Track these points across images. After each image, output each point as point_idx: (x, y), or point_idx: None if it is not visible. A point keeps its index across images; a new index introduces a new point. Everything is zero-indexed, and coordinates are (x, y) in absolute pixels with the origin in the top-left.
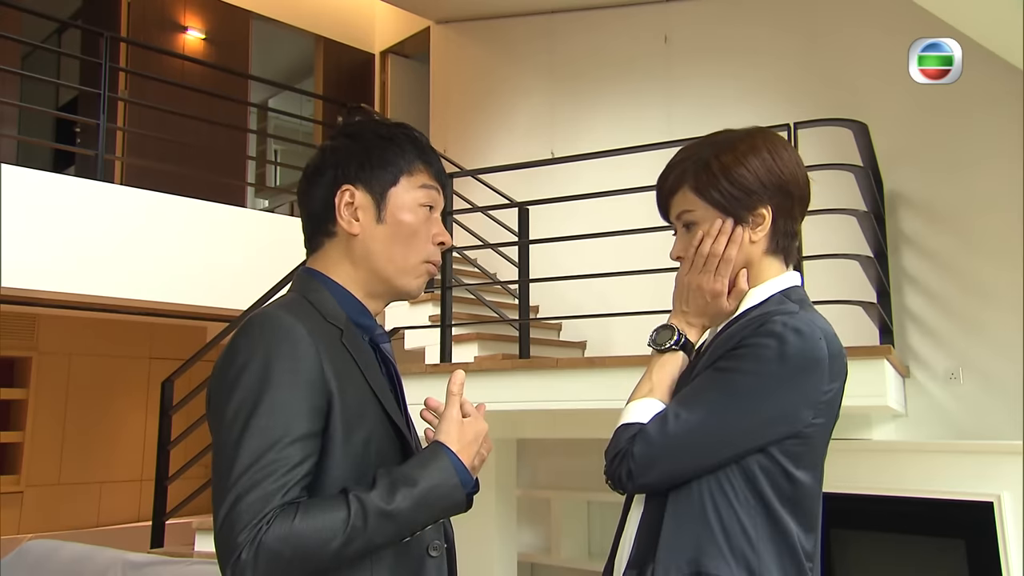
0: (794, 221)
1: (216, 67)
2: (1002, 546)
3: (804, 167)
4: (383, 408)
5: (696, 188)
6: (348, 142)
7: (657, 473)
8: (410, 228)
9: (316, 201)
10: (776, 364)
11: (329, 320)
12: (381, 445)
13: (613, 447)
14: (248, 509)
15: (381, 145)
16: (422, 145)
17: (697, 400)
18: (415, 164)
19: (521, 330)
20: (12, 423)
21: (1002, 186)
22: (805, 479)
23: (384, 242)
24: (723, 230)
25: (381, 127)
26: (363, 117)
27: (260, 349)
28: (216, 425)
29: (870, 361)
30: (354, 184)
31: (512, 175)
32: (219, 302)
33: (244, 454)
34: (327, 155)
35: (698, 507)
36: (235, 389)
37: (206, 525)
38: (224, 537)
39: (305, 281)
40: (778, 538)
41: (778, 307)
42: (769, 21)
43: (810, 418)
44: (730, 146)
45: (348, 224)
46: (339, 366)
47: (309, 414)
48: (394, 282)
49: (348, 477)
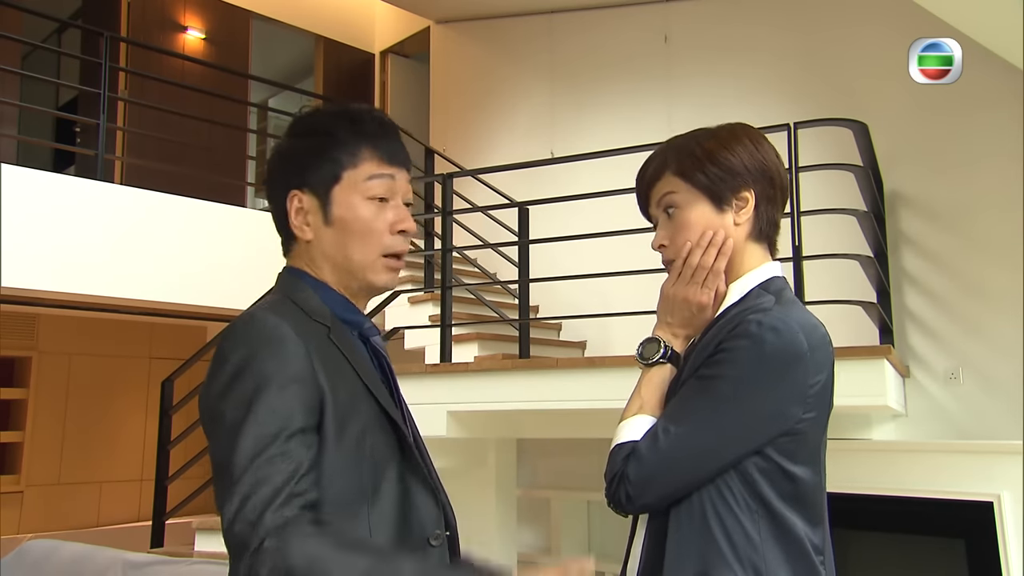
0: (776, 209)
1: (216, 67)
2: (1002, 546)
3: (783, 162)
4: (376, 401)
5: (680, 172)
6: (291, 142)
7: (655, 492)
8: (361, 224)
9: (273, 209)
10: (756, 365)
11: (315, 318)
12: (375, 438)
13: (610, 470)
14: (260, 504)
15: (320, 141)
16: (370, 131)
17: (684, 413)
18: (359, 154)
19: (521, 330)
20: (12, 423)
21: (1002, 186)
22: (804, 474)
23: (337, 243)
24: (713, 241)
25: (324, 119)
26: (311, 108)
27: (247, 351)
28: (212, 430)
29: (870, 361)
30: (300, 188)
31: (512, 175)
32: (219, 302)
33: (243, 455)
34: (276, 160)
35: (700, 517)
36: (227, 393)
37: (206, 525)
38: (237, 534)
39: (288, 281)
40: (784, 538)
41: (754, 303)
42: (769, 21)
43: (800, 413)
44: (711, 134)
45: (300, 231)
46: (328, 363)
47: (302, 411)
48: (360, 279)
49: (343, 472)
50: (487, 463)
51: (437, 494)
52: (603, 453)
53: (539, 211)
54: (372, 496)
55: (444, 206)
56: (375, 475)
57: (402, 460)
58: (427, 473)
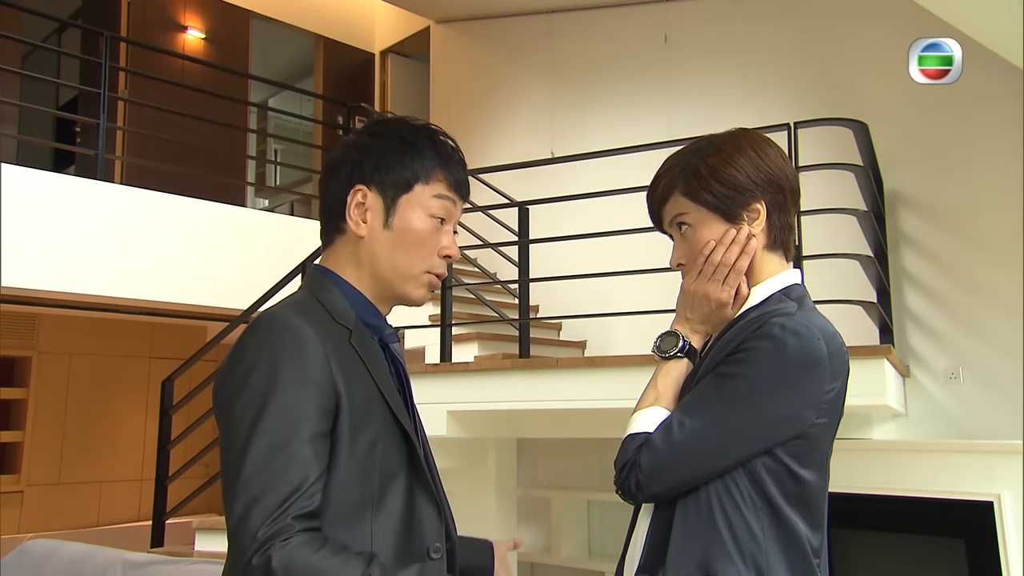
0: (788, 214)
1: (216, 66)
2: (1002, 545)
3: (790, 162)
4: (390, 409)
5: (687, 193)
6: (370, 140)
7: (665, 482)
8: (416, 237)
9: (330, 196)
10: (776, 367)
11: (338, 320)
12: (387, 447)
13: (621, 457)
14: (264, 511)
15: (401, 148)
16: (446, 153)
17: (700, 407)
18: (434, 172)
19: (521, 330)
20: (12, 422)
21: (1002, 186)
22: (811, 478)
23: (388, 248)
24: (737, 240)
25: (407, 129)
26: (391, 116)
27: (267, 349)
28: (224, 425)
29: (870, 361)
30: (368, 185)
31: (512, 174)
32: (219, 302)
33: (254, 455)
34: (347, 151)
35: (706, 511)
36: (243, 389)
37: (206, 525)
38: (241, 538)
39: (316, 279)
40: (786, 538)
41: (776, 307)
42: (769, 20)
43: (813, 418)
44: (715, 149)
45: (356, 225)
46: (347, 366)
47: (317, 414)
48: (396, 289)
49: (352, 478)
50: (487, 463)
51: (441, 507)
52: (603, 453)
53: (539, 211)
54: (378, 504)
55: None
56: (383, 483)
57: (410, 470)
58: (433, 485)
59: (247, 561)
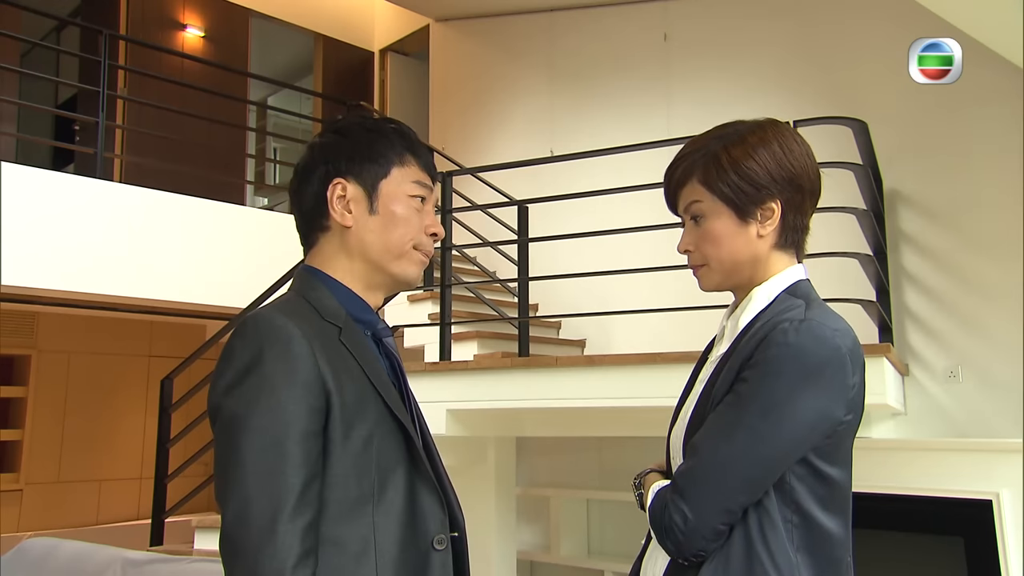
0: (804, 216)
1: (215, 65)
2: (1001, 544)
3: (815, 160)
4: (385, 403)
5: (705, 181)
6: (337, 137)
7: (711, 527)
8: (402, 218)
9: (308, 197)
10: (797, 371)
11: (327, 318)
12: (383, 441)
13: (655, 522)
14: (259, 515)
15: (370, 139)
16: (411, 139)
17: (731, 433)
18: (405, 156)
19: (520, 328)
20: (12, 421)
21: (1002, 184)
22: (838, 476)
23: (378, 231)
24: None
25: (368, 122)
26: (351, 117)
27: (254, 351)
28: (216, 426)
29: (869, 359)
30: (345, 177)
31: (511, 173)
32: (218, 300)
33: (247, 454)
34: (316, 151)
35: (741, 536)
36: (232, 390)
37: (206, 523)
38: (233, 541)
39: (304, 279)
40: (815, 543)
41: (783, 307)
42: (769, 19)
43: (843, 415)
44: (740, 139)
45: (341, 217)
46: (337, 364)
47: (307, 413)
48: (391, 269)
49: (349, 475)
50: (486, 461)
51: (444, 496)
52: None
53: (538, 209)
54: (378, 498)
55: (444, 204)
56: (382, 477)
57: (410, 463)
58: (433, 476)
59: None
